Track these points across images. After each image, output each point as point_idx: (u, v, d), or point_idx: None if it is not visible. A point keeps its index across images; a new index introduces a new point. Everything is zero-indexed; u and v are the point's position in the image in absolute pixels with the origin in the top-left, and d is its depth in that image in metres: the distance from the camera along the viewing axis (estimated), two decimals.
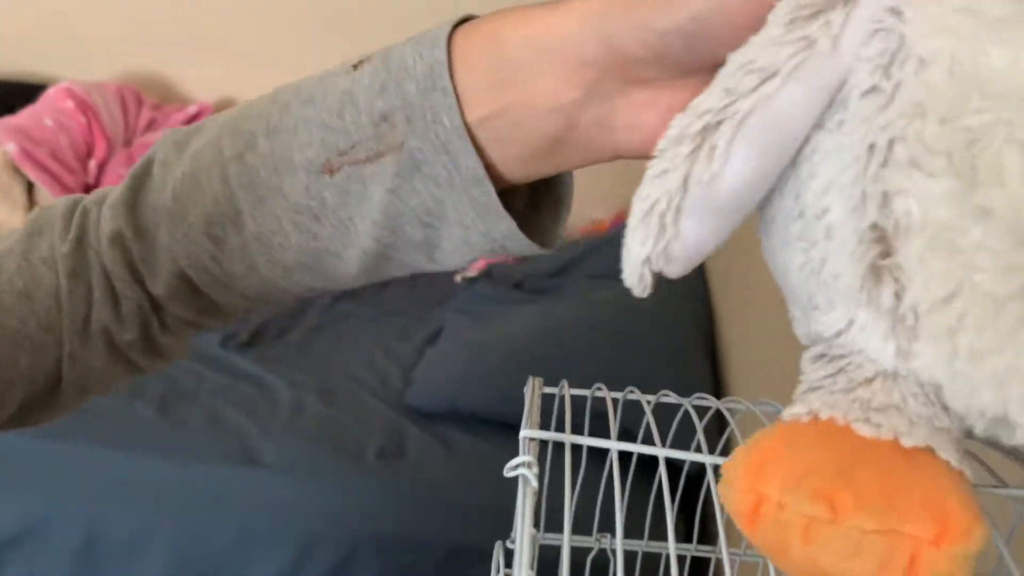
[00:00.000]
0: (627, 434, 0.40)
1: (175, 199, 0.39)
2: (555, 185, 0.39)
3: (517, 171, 0.34)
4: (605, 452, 0.37)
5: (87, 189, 1.78)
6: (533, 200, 0.39)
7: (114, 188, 0.42)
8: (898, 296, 0.27)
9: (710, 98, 0.28)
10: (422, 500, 1.26)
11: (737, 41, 0.29)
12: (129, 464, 1.25)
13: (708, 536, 1.12)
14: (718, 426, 0.59)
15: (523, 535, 0.29)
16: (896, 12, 0.26)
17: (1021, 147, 0.24)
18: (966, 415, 0.27)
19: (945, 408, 0.27)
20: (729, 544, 0.51)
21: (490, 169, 0.34)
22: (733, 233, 0.30)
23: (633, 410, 0.44)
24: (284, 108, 0.37)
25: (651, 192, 0.29)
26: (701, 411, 0.44)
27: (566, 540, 0.30)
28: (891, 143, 0.26)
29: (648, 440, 0.38)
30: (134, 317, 0.41)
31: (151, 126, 1.89)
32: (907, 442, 0.26)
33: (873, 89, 0.26)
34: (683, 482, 0.57)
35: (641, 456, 0.38)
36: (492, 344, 1.46)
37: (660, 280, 0.31)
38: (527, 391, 0.40)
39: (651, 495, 0.50)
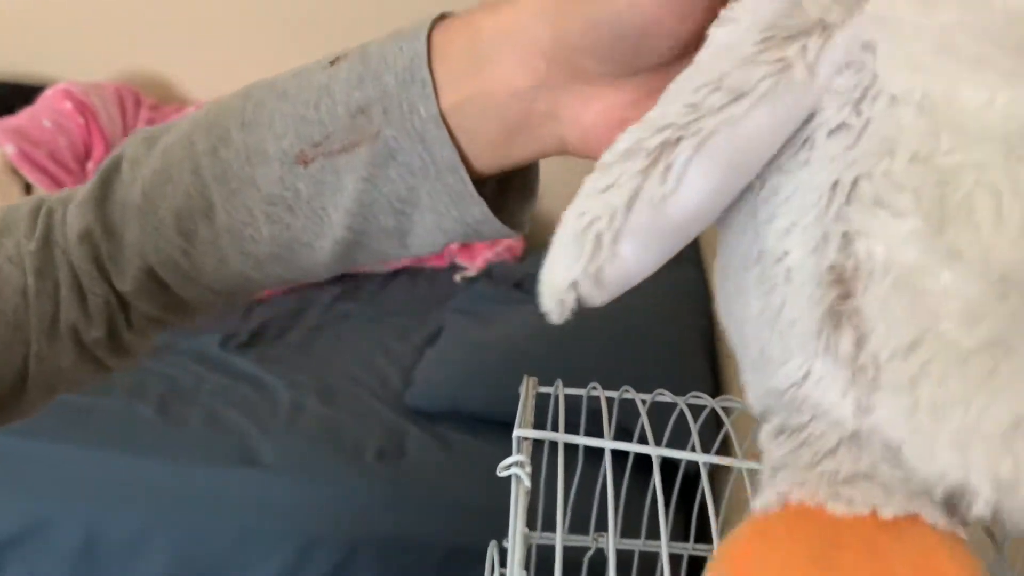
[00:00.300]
0: (625, 433, 0.40)
1: (145, 195, 0.39)
2: (521, 173, 0.40)
3: (485, 159, 0.35)
4: (603, 451, 0.36)
5: None
6: (501, 189, 0.40)
7: (80, 187, 0.42)
8: (858, 344, 0.25)
9: (669, 111, 0.26)
10: (422, 500, 1.26)
11: (668, 41, 0.30)
12: (129, 465, 1.25)
13: (707, 535, 1.12)
14: (716, 425, 0.58)
15: (516, 534, 0.28)
16: (869, 47, 0.25)
17: (993, 191, 0.23)
18: (927, 479, 0.25)
19: (911, 471, 0.25)
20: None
21: (463, 158, 0.35)
22: (668, 259, 0.28)
23: (633, 409, 0.44)
24: (258, 103, 0.38)
25: (590, 208, 0.26)
26: (698, 410, 0.44)
27: (559, 539, 0.30)
28: (856, 181, 0.25)
29: (645, 439, 0.38)
30: (101, 314, 0.42)
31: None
32: (886, 513, 0.24)
33: (841, 126, 0.25)
34: (679, 481, 0.57)
35: (640, 455, 0.38)
36: (492, 344, 1.46)
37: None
38: (521, 391, 0.40)
39: (648, 494, 0.50)
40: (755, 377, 0.30)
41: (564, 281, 0.26)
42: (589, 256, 0.26)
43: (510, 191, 0.40)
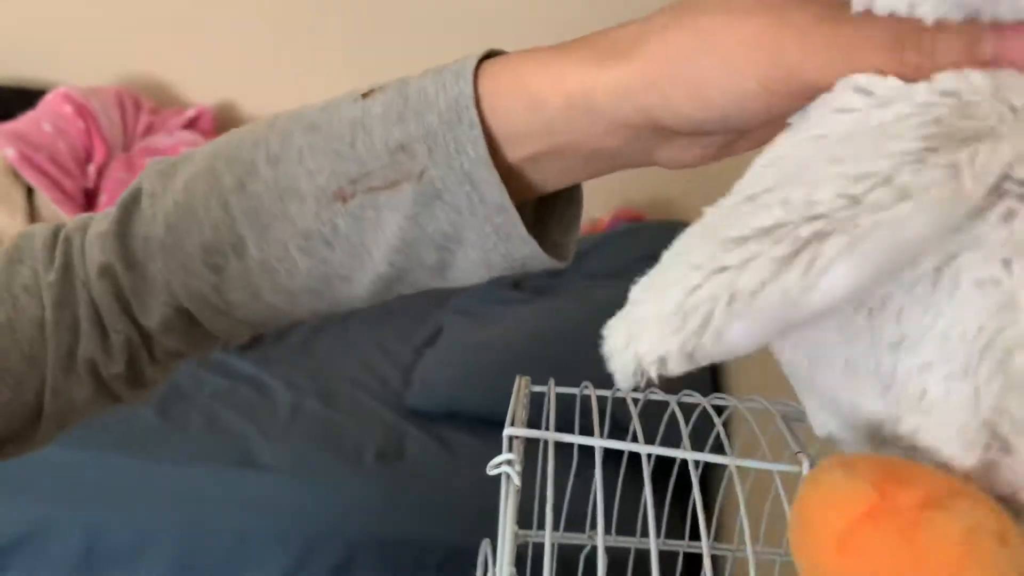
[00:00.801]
0: (622, 430, 0.41)
1: (169, 229, 0.39)
2: (563, 197, 0.39)
3: (546, 188, 0.36)
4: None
5: (86, 193, 1.78)
6: (539, 214, 0.39)
7: (96, 217, 0.42)
8: (1015, 493, 0.24)
9: (823, 198, 0.23)
10: (421, 501, 1.26)
11: (764, 122, 0.30)
12: (129, 467, 1.25)
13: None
14: (712, 424, 0.59)
15: (506, 532, 0.29)
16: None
17: None
18: None
19: None
20: (721, 540, 0.51)
21: (511, 192, 0.35)
22: None
23: (627, 407, 0.44)
24: (285, 135, 0.37)
25: (707, 286, 0.24)
26: (690, 408, 0.44)
27: (548, 537, 0.30)
28: (1012, 350, 0.23)
29: (635, 438, 0.38)
30: (122, 351, 0.41)
31: (150, 130, 1.89)
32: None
33: (990, 280, 0.23)
34: (674, 479, 0.57)
35: (635, 453, 0.38)
36: (491, 345, 1.46)
37: None
38: (514, 390, 0.40)
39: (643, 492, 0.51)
40: (840, 427, 0.29)
41: (653, 354, 0.24)
42: (691, 334, 0.24)
43: (551, 218, 0.39)
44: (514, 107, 0.34)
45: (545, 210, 0.39)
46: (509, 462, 0.31)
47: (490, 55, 0.35)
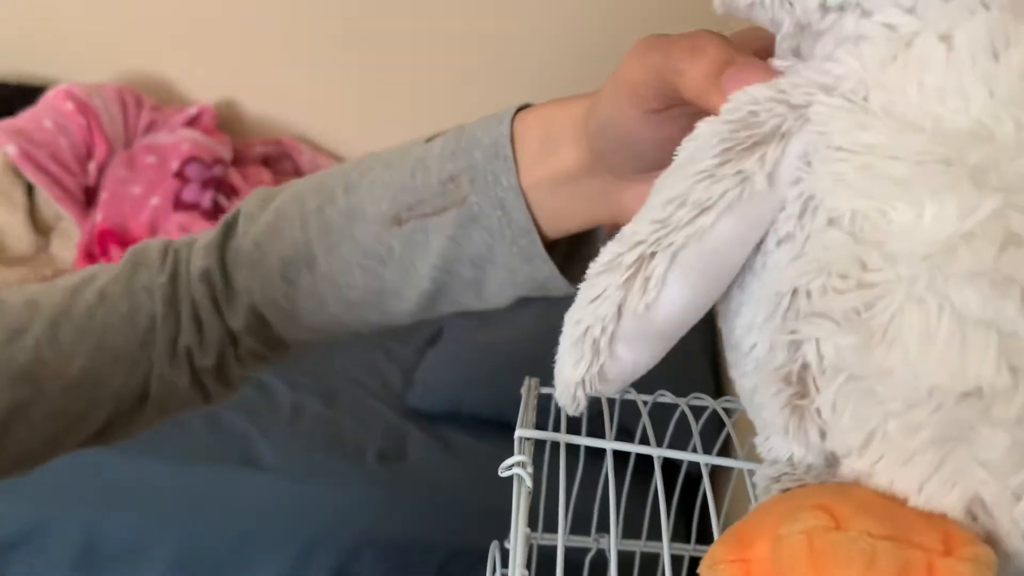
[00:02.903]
0: (627, 434, 0.40)
1: (256, 245, 0.46)
2: (588, 241, 0.45)
3: (552, 226, 0.41)
4: (604, 452, 0.36)
5: (87, 191, 1.78)
6: (571, 252, 0.45)
7: (200, 234, 0.49)
8: (823, 436, 0.27)
9: (640, 228, 0.28)
10: (423, 502, 1.26)
11: (651, 150, 0.35)
12: (129, 467, 1.25)
13: (708, 536, 1.12)
14: (717, 426, 0.58)
15: (518, 534, 0.28)
16: (807, 162, 0.26)
17: (920, 304, 0.24)
18: None
19: None
20: None
21: (535, 224, 0.41)
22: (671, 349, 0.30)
23: (635, 410, 0.44)
24: (366, 170, 0.44)
25: (583, 317, 0.28)
26: (699, 411, 0.44)
27: (560, 540, 0.30)
28: (796, 291, 0.26)
29: (646, 440, 0.38)
30: (214, 345, 0.48)
31: (151, 128, 1.89)
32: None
33: (788, 237, 0.27)
34: (681, 482, 0.57)
35: (641, 456, 0.38)
36: (493, 345, 1.46)
37: None
38: (523, 391, 0.40)
39: (649, 495, 0.50)
40: (749, 413, 0.32)
41: (572, 381, 0.29)
42: (590, 360, 0.28)
43: (579, 255, 0.45)
44: (532, 137, 0.40)
45: (576, 248, 0.45)
46: (521, 464, 0.30)
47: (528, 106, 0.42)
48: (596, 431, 0.38)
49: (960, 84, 0.24)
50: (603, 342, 0.28)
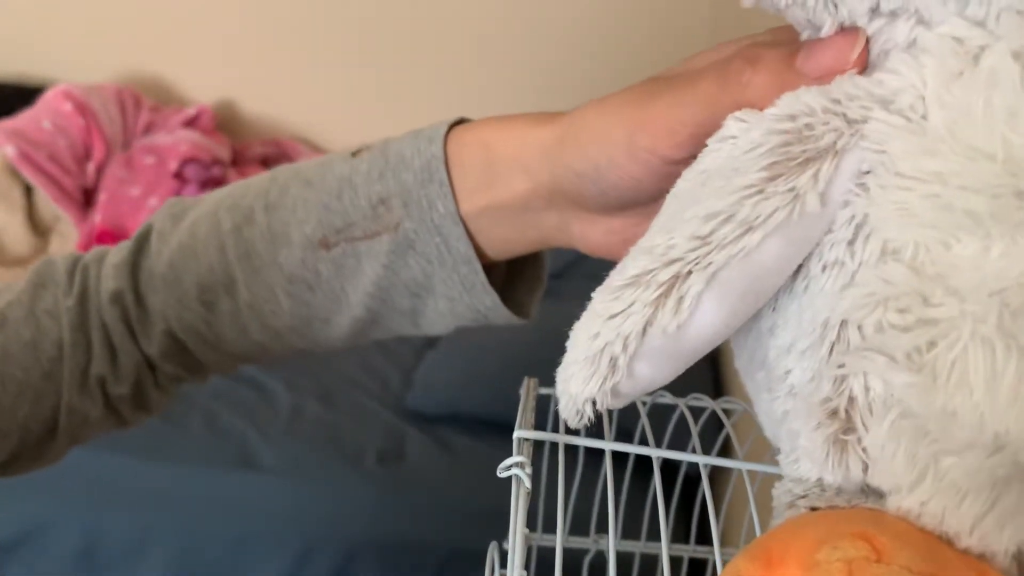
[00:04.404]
0: (626, 435, 0.40)
1: (170, 266, 0.42)
2: (531, 263, 0.43)
3: (497, 252, 0.39)
4: (603, 453, 0.36)
5: (85, 192, 1.78)
6: (510, 278, 0.43)
7: (111, 249, 0.45)
8: (866, 470, 0.26)
9: (678, 243, 0.26)
10: (422, 503, 1.25)
11: (645, 193, 0.33)
12: (128, 468, 1.25)
13: (707, 537, 1.12)
14: (717, 427, 0.59)
15: (516, 535, 0.28)
16: (863, 187, 0.25)
17: (987, 347, 0.22)
18: None
19: None
20: (726, 544, 0.51)
21: (476, 249, 0.39)
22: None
23: (634, 411, 0.44)
24: (283, 188, 0.41)
25: (603, 333, 0.26)
26: (698, 411, 0.44)
27: (559, 540, 0.30)
28: (846, 323, 0.25)
29: (646, 441, 0.38)
30: (130, 373, 0.44)
31: (150, 128, 1.89)
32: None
33: (836, 263, 0.25)
34: (680, 483, 0.56)
35: (640, 457, 0.37)
36: (492, 346, 1.46)
37: None
38: (522, 392, 0.40)
39: (648, 496, 0.50)
40: (768, 430, 0.31)
41: (582, 397, 0.27)
42: (604, 376, 0.27)
43: (520, 280, 0.43)
44: (471, 163, 0.38)
45: (514, 275, 0.43)
46: (520, 464, 0.30)
47: (460, 122, 0.40)
48: (595, 432, 0.37)
49: None
50: (622, 360, 0.26)
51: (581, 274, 1.73)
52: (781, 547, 0.24)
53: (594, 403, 0.27)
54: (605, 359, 0.26)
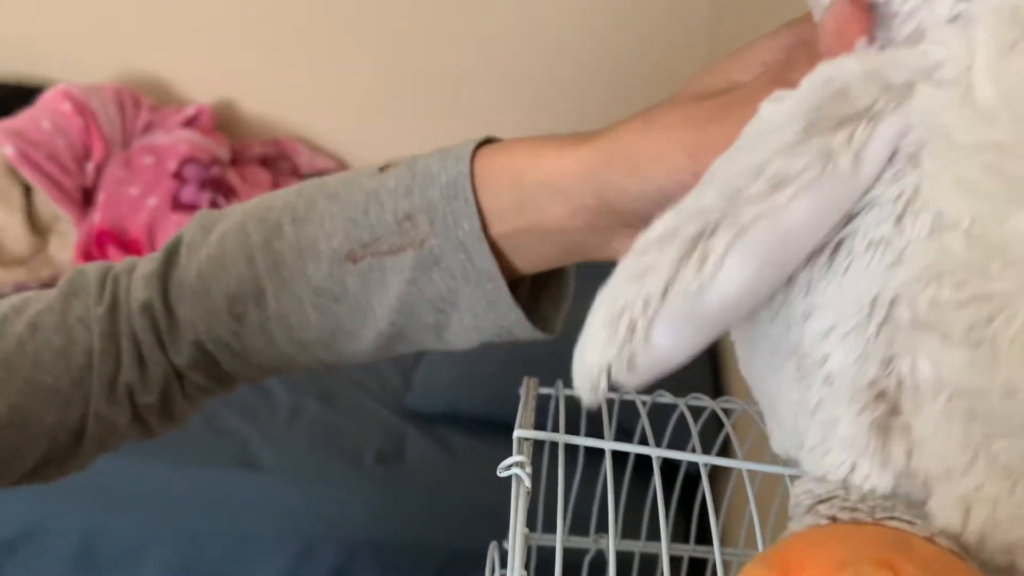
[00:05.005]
0: (626, 434, 0.40)
1: (199, 278, 0.43)
2: (556, 276, 0.43)
3: (531, 267, 0.40)
4: (603, 453, 0.36)
5: (84, 192, 1.78)
6: (535, 290, 0.43)
7: (142, 259, 0.45)
8: (908, 456, 0.25)
9: (705, 199, 0.25)
10: (422, 503, 1.25)
11: None
12: (127, 468, 1.25)
13: (707, 537, 1.12)
14: (716, 426, 0.59)
15: (516, 535, 0.28)
16: (914, 162, 0.24)
17: None
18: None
19: None
20: (726, 544, 0.51)
21: (507, 265, 0.39)
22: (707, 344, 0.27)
23: (634, 410, 0.44)
24: (310, 201, 0.42)
25: (624, 293, 0.25)
26: (698, 411, 0.44)
27: (559, 540, 0.30)
28: (897, 300, 0.24)
29: (645, 440, 0.38)
30: (157, 382, 0.44)
31: (149, 128, 1.89)
32: (944, 543, 0.24)
33: (883, 240, 0.24)
34: (680, 482, 0.57)
35: (640, 456, 0.37)
36: (491, 346, 1.46)
37: None
38: (522, 391, 0.40)
39: (648, 496, 0.50)
40: (783, 437, 0.30)
41: (597, 366, 0.26)
42: (622, 342, 0.25)
43: (544, 294, 0.43)
44: (500, 185, 0.38)
45: (540, 287, 0.43)
46: (520, 464, 0.30)
47: (489, 140, 0.40)
48: (595, 431, 0.38)
49: None
50: (641, 324, 0.25)
51: (586, 275, 1.73)
52: (797, 558, 0.23)
53: (609, 376, 0.26)
54: (624, 323, 0.25)
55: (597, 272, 0.37)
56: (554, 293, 0.43)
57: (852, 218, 0.25)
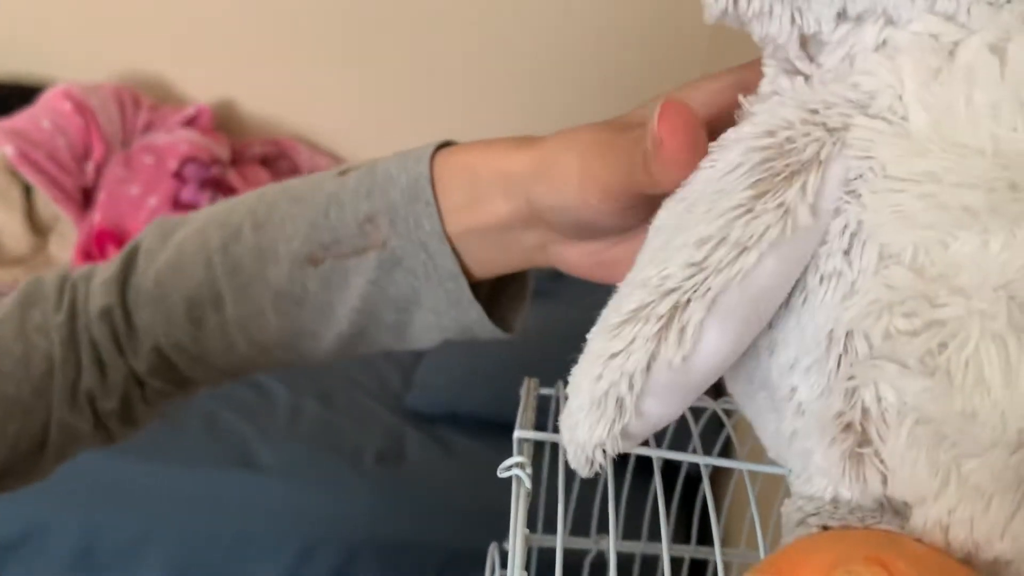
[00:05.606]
0: None
1: (157, 284, 0.43)
2: (515, 280, 0.44)
3: (481, 270, 0.40)
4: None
5: (84, 191, 1.78)
6: (495, 293, 0.44)
7: (100, 266, 0.45)
8: (884, 482, 0.25)
9: (672, 272, 0.25)
10: (422, 503, 1.25)
11: (616, 228, 0.35)
12: (127, 468, 1.25)
13: (708, 538, 1.12)
14: (717, 427, 0.59)
15: (516, 535, 0.28)
16: (854, 195, 0.24)
17: (998, 340, 0.22)
18: None
19: None
20: (727, 545, 0.51)
21: (462, 267, 0.40)
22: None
23: None
24: (271, 205, 0.42)
25: (606, 374, 0.26)
26: (698, 412, 0.44)
27: (559, 541, 0.30)
28: (852, 334, 0.24)
29: (646, 441, 0.38)
30: (118, 388, 0.44)
31: (149, 127, 1.88)
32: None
33: (834, 273, 0.25)
34: (681, 483, 0.56)
35: (641, 457, 0.37)
36: (491, 346, 1.45)
37: None
38: (522, 392, 0.40)
39: (649, 496, 0.50)
40: (774, 451, 0.31)
41: (590, 444, 0.27)
42: (612, 419, 0.26)
43: (504, 296, 0.44)
44: (456, 182, 0.39)
45: (499, 290, 0.44)
46: (520, 465, 0.30)
47: (447, 144, 0.40)
48: None
49: (1018, 100, 0.22)
50: (629, 400, 0.25)
51: (580, 282, 1.73)
52: (792, 565, 0.24)
53: (606, 450, 0.26)
54: (611, 401, 0.26)
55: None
56: (512, 296, 0.44)
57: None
